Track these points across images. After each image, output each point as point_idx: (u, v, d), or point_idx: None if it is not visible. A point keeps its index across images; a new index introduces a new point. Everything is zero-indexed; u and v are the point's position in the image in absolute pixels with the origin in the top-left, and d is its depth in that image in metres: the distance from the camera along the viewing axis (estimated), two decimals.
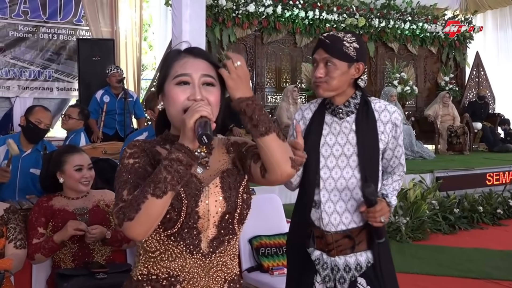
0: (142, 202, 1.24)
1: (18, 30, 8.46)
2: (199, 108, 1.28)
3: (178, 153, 1.27)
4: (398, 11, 10.15)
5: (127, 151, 1.39)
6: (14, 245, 2.47)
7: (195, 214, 1.35)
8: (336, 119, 2.05)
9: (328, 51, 1.98)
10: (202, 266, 1.37)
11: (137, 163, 1.35)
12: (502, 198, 6.68)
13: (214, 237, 1.38)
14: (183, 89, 1.36)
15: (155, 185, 1.24)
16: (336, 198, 2.02)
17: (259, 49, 9.03)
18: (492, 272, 4.41)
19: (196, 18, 5.50)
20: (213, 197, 1.37)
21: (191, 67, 1.38)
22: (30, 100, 8.60)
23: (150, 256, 1.37)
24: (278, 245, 3.34)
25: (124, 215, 1.25)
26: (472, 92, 11.15)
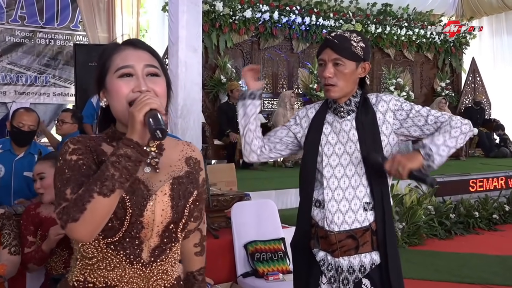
0: (88, 202, 1.14)
1: (15, 35, 8.47)
2: (148, 100, 1.19)
3: (127, 149, 1.18)
4: (394, 17, 10.20)
5: (70, 146, 1.26)
6: (8, 251, 2.46)
7: (139, 224, 1.26)
8: (337, 118, 2.04)
9: (337, 51, 1.96)
10: (142, 276, 1.30)
11: (81, 159, 1.24)
12: (498, 204, 6.69)
13: (156, 246, 1.31)
14: (127, 81, 1.28)
15: (102, 183, 1.15)
16: (340, 197, 1.99)
17: (256, 54, 9.05)
18: (489, 278, 4.41)
19: (192, 23, 5.50)
20: (160, 206, 1.29)
21: (133, 58, 1.30)
22: (27, 105, 8.58)
23: (87, 263, 1.29)
24: (273, 251, 3.35)
25: (68, 215, 1.15)
26: (468, 97, 11.19)
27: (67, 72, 8.83)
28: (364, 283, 2.00)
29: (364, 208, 1.99)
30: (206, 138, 7.22)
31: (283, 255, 3.37)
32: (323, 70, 1.99)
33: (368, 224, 1.98)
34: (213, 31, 8.28)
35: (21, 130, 3.53)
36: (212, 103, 8.45)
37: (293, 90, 8.71)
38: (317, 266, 2.03)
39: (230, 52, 8.67)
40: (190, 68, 5.62)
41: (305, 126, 2.09)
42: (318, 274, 2.02)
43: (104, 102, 1.33)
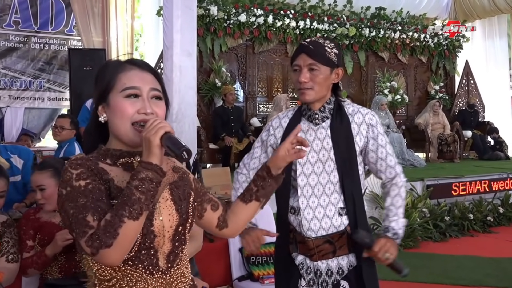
0: (119, 227, 1.18)
1: (10, 40, 8.47)
2: (160, 125, 1.25)
3: (148, 172, 1.22)
4: (388, 20, 10.25)
5: (72, 172, 1.28)
6: (6, 259, 2.45)
7: (151, 234, 1.31)
8: (312, 125, 2.07)
9: (312, 56, 1.99)
10: (164, 284, 1.35)
11: (89, 184, 1.27)
12: (492, 206, 6.73)
13: (170, 252, 1.37)
14: (132, 102, 1.32)
15: (130, 207, 1.19)
16: (315, 204, 2.03)
17: (251, 58, 9.07)
18: (483, 280, 4.43)
19: (187, 28, 5.52)
20: (166, 211, 1.36)
21: (140, 81, 1.35)
22: (21, 110, 8.60)
23: (107, 286, 1.31)
24: (268, 254, 3.35)
25: (101, 242, 1.18)
26: (462, 100, 11.25)
27: (61, 76, 8.83)
28: (343, 284, 2.05)
29: (339, 213, 2.03)
30: (201, 142, 7.23)
31: None
32: (299, 75, 2.01)
33: (344, 228, 2.03)
34: (207, 35, 8.30)
35: None
36: (207, 107, 8.45)
37: (288, 94, 8.73)
38: (296, 269, 2.07)
39: (225, 56, 8.69)
40: (184, 72, 5.63)
41: (278, 136, 2.10)
42: (297, 277, 2.06)
43: (104, 117, 1.36)
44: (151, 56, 8.98)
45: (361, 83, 10.25)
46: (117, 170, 1.35)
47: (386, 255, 1.96)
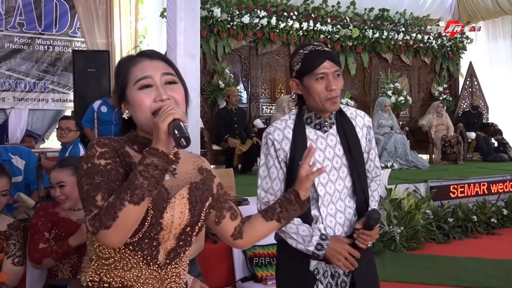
0: (120, 210, 1.19)
1: (14, 41, 8.50)
2: (171, 111, 1.25)
3: (153, 158, 1.22)
4: (391, 22, 10.25)
5: (97, 149, 1.30)
6: (12, 261, 2.47)
7: (158, 225, 1.32)
8: (320, 133, 1.99)
9: (336, 63, 1.94)
10: (157, 278, 1.35)
11: (109, 164, 1.28)
12: (496, 207, 6.70)
13: (172, 249, 1.37)
14: (147, 92, 1.33)
15: (132, 191, 1.19)
16: (333, 211, 1.99)
17: (254, 60, 9.09)
18: (486, 281, 4.42)
19: (190, 30, 5.54)
20: (179, 208, 1.35)
21: (150, 69, 1.35)
22: (26, 111, 8.64)
23: (103, 263, 1.33)
24: (272, 255, 3.36)
25: (100, 222, 1.19)
26: (465, 102, 11.24)
27: (65, 78, 8.87)
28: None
29: (355, 214, 2.03)
30: (205, 143, 7.24)
31: None
32: (327, 83, 1.90)
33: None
34: (211, 37, 8.32)
35: None
36: (211, 109, 8.47)
37: (291, 95, 8.73)
38: (311, 275, 1.98)
39: (228, 58, 8.71)
40: (188, 74, 5.64)
41: (287, 148, 1.97)
42: (312, 283, 1.99)
43: (127, 114, 1.38)
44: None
45: (365, 84, 10.25)
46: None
47: (370, 243, 1.96)
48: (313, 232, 1.91)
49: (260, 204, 2.02)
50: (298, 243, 1.91)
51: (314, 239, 1.89)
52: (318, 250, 1.89)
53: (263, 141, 2.03)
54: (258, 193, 2.03)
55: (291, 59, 2.01)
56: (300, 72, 1.94)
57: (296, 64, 1.96)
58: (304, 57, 1.94)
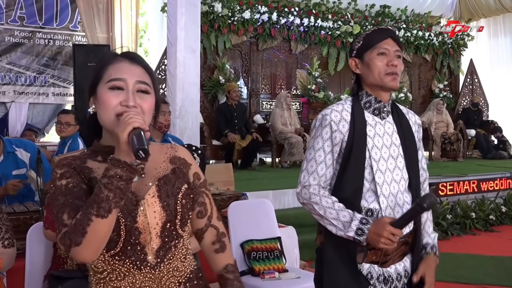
0: (88, 225, 1.18)
1: (14, 35, 8.51)
2: (129, 120, 1.22)
3: (116, 169, 1.20)
4: (392, 18, 10.24)
5: (57, 171, 1.30)
6: (2, 244, 2.48)
7: (135, 230, 1.30)
8: (378, 119, 1.90)
9: (398, 43, 1.90)
10: (152, 279, 1.34)
11: (70, 183, 1.28)
12: (494, 205, 6.72)
13: (160, 247, 1.34)
14: (116, 94, 1.30)
15: (98, 205, 1.18)
16: (393, 204, 1.85)
17: (254, 55, 9.08)
18: (483, 278, 4.44)
19: (191, 25, 5.54)
20: (151, 208, 1.33)
21: (127, 72, 1.32)
22: (26, 105, 8.65)
23: (99, 278, 1.33)
24: (269, 249, 3.37)
25: (71, 240, 1.19)
26: (466, 99, 11.24)
27: (66, 72, 8.88)
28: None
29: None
30: (205, 139, 7.25)
31: (279, 254, 3.39)
32: (388, 59, 1.86)
33: (413, 228, 1.90)
34: (211, 32, 8.31)
35: None
36: (211, 104, 8.47)
37: (289, 91, 8.74)
38: (364, 280, 1.82)
39: (229, 53, 8.70)
40: (188, 69, 5.65)
41: (344, 130, 1.85)
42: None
43: (93, 109, 1.36)
44: (155, 52, 9.01)
45: None
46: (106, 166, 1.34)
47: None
48: (353, 216, 1.77)
49: (301, 187, 1.87)
50: (338, 229, 1.79)
51: (353, 223, 1.76)
52: (359, 235, 1.75)
53: (315, 123, 1.91)
54: (300, 177, 1.88)
55: (353, 42, 1.97)
56: (361, 48, 1.91)
57: (357, 43, 1.93)
58: (366, 35, 1.92)
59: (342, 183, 1.85)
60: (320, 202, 1.81)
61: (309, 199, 1.83)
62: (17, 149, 3.63)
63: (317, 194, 1.82)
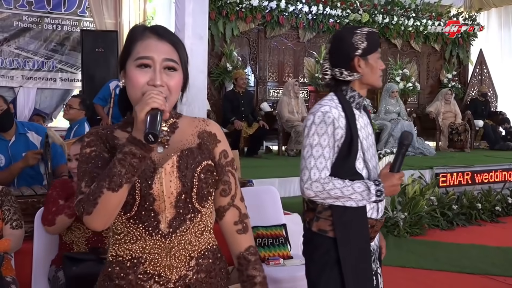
0: (99, 197, 1.24)
1: (23, 20, 8.50)
2: (149, 100, 1.24)
3: (131, 146, 1.24)
4: (402, 7, 10.15)
5: (85, 140, 1.37)
6: (10, 226, 2.52)
7: (150, 196, 1.34)
8: (358, 112, 2.09)
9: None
10: (162, 247, 1.36)
11: (94, 151, 1.35)
12: (501, 196, 6.70)
13: (173, 217, 1.36)
14: (144, 72, 1.32)
15: (110, 179, 1.23)
16: None
17: (262, 43, 9.05)
18: (488, 268, 4.44)
19: (199, 12, 5.51)
20: (168, 177, 1.35)
21: (154, 50, 1.34)
22: (34, 90, 8.67)
23: (117, 239, 1.39)
24: (274, 236, 3.39)
25: (83, 209, 1.26)
26: (474, 89, 11.15)
27: (73, 58, 8.87)
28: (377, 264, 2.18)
29: None
30: None
31: (284, 241, 3.41)
32: (382, 63, 2.11)
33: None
34: (219, 19, 8.29)
35: None
36: (218, 91, 8.47)
37: (297, 79, 8.70)
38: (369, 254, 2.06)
39: (236, 41, 8.68)
40: (195, 56, 5.63)
41: (343, 126, 1.99)
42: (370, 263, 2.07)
43: (123, 83, 1.40)
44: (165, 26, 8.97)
45: None
46: None
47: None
48: (367, 184, 1.97)
49: (310, 182, 1.96)
50: (358, 201, 1.97)
51: (372, 189, 1.96)
52: (379, 196, 1.98)
53: (315, 119, 1.99)
54: (307, 175, 1.97)
55: (350, 38, 2.03)
56: (368, 50, 2.03)
57: (360, 42, 2.02)
58: (367, 36, 2.04)
59: (342, 174, 1.98)
60: (334, 186, 1.95)
61: (323, 189, 1.95)
62: (29, 131, 3.70)
63: (328, 182, 1.95)
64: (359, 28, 2.06)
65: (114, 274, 1.38)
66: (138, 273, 1.36)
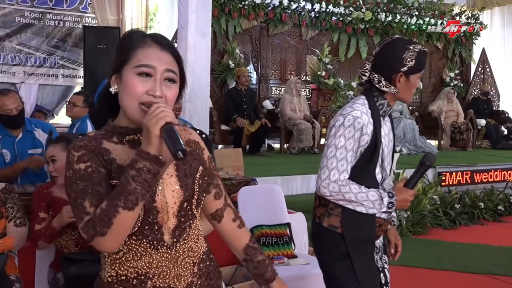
0: (114, 216, 1.18)
1: (25, 16, 8.48)
2: (161, 114, 1.20)
3: (145, 162, 1.20)
4: (405, 5, 10.12)
5: (74, 154, 1.28)
6: (14, 223, 2.50)
7: (153, 210, 1.31)
8: (382, 119, 2.12)
9: None
10: (169, 258, 1.35)
11: (89, 167, 1.26)
12: (503, 195, 6.69)
13: (175, 227, 1.36)
14: (144, 81, 1.28)
15: (125, 197, 1.18)
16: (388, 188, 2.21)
17: (265, 40, 9.03)
18: (491, 268, 4.43)
19: (202, 8, 5.51)
20: (169, 187, 1.34)
21: (157, 60, 1.30)
22: (36, 86, 8.65)
23: (115, 258, 1.34)
24: (279, 235, 3.38)
25: (95, 230, 1.19)
26: (476, 88, 11.13)
27: (75, 54, 8.85)
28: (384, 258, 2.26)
29: None
30: (213, 123, 7.24)
31: (289, 240, 3.40)
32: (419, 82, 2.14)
33: None
34: (222, 16, 8.26)
35: (10, 116, 3.50)
36: (220, 88, 8.45)
37: (299, 77, 8.68)
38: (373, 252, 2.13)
39: (239, 38, 8.65)
40: (198, 53, 5.63)
41: (370, 132, 2.03)
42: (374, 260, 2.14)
43: (115, 89, 1.33)
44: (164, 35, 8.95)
45: None
46: (122, 148, 1.33)
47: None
48: (381, 194, 2.01)
49: (328, 181, 2.00)
50: (369, 208, 2.01)
51: (385, 200, 2.00)
52: (390, 208, 2.01)
53: (344, 122, 2.01)
54: (326, 174, 2.01)
55: (402, 52, 2.03)
56: (413, 69, 2.03)
57: (410, 60, 2.02)
58: (418, 55, 2.03)
59: (361, 179, 2.04)
60: (350, 190, 1.99)
61: (339, 191, 2.00)
62: (36, 129, 3.69)
63: (346, 184, 2.00)
64: (413, 44, 2.04)
65: None
66: None
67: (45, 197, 2.62)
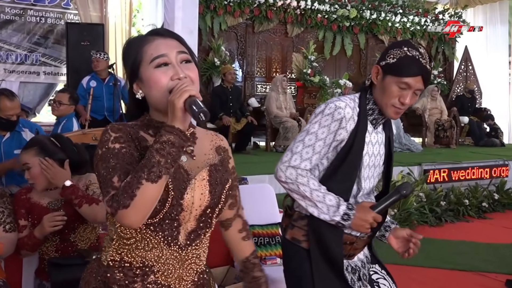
0: (137, 188, 1.18)
1: (5, 12, 8.30)
2: (186, 88, 1.23)
3: (170, 135, 1.22)
4: (389, 3, 10.17)
5: (111, 134, 1.30)
6: (3, 228, 2.42)
7: (179, 206, 1.31)
8: (372, 127, 1.92)
9: (426, 82, 1.84)
10: (177, 258, 1.35)
11: (124, 148, 1.28)
12: (487, 192, 6.77)
13: (192, 230, 1.36)
14: (164, 71, 1.30)
15: (149, 169, 1.19)
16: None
17: (250, 38, 8.99)
18: (480, 265, 4.46)
19: (189, 5, 5.43)
20: (199, 190, 1.34)
21: (165, 47, 1.33)
22: (16, 83, 8.48)
23: (125, 243, 1.34)
24: (271, 235, 3.35)
25: (118, 203, 1.19)
26: (460, 86, 11.25)
27: (57, 51, 8.69)
28: (373, 267, 2.06)
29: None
30: None
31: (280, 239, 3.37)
32: (403, 95, 1.82)
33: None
34: (207, 13, 8.19)
35: (10, 120, 3.48)
36: (205, 86, 8.38)
37: (285, 74, 8.66)
38: (342, 273, 1.89)
39: (224, 35, 8.60)
40: None
41: (349, 129, 1.85)
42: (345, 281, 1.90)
43: (140, 94, 1.35)
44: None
45: (360, 66, 10.21)
46: None
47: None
48: (340, 201, 1.81)
49: (287, 166, 1.84)
50: (321, 212, 1.81)
51: (341, 208, 1.80)
52: (345, 220, 1.81)
53: (325, 110, 1.85)
54: (288, 157, 1.86)
55: (391, 48, 1.88)
56: (390, 68, 1.84)
57: (392, 58, 1.84)
58: (402, 57, 1.82)
59: (331, 181, 1.86)
60: (307, 183, 1.82)
61: (296, 179, 1.83)
62: (24, 129, 3.63)
63: (305, 176, 1.83)
64: (408, 47, 1.83)
65: (115, 280, 1.33)
66: (147, 282, 1.33)
67: (24, 203, 2.51)
